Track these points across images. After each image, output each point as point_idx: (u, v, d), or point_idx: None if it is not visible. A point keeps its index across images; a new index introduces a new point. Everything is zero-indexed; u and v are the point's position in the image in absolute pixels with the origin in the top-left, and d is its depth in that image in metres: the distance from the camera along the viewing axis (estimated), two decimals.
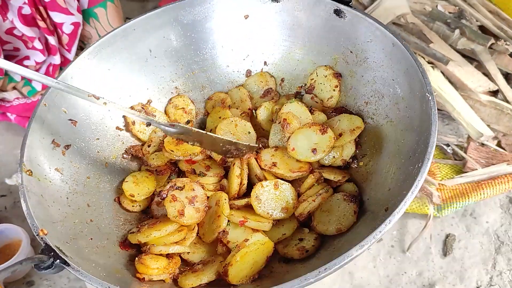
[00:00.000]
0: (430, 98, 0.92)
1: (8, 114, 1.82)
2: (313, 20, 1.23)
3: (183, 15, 1.26)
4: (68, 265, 0.80)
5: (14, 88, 1.86)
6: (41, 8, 1.65)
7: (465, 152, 1.69)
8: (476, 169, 1.63)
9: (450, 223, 1.61)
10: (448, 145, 1.74)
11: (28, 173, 0.94)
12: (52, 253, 0.81)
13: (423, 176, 0.83)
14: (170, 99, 1.32)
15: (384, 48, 1.11)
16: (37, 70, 1.84)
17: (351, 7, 1.15)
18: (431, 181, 1.59)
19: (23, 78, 1.83)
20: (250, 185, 1.12)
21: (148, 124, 1.06)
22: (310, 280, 0.74)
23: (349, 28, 1.18)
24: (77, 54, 1.85)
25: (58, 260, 0.80)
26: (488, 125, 1.68)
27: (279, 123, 1.16)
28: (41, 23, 1.67)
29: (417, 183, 0.82)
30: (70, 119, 1.12)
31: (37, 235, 0.84)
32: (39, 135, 1.03)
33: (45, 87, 1.83)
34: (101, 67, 1.19)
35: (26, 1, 1.59)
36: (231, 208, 1.06)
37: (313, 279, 0.74)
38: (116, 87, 1.24)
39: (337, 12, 1.17)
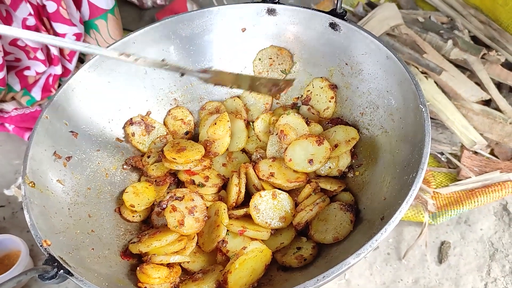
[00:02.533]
0: (423, 109, 0.95)
1: (6, 125, 1.84)
2: (309, 33, 1.26)
3: (182, 28, 1.27)
4: (72, 275, 0.81)
5: (13, 98, 1.87)
6: (44, 19, 1.68)
7: (459, 161, 1.71)
8: (470, 177, 1.65)
9: (445, 231, 1.63)
10: (442, 153, 1.76)
11: (30, 184, 0.95)
12: (55, 264, 0.82)
13: (417, 186, 0.85)
14: (169, 111, 1.33)
15: (379, 61, 1.13)
16: (36, 81, 1.86)
17: (346, 20, 1.17)
18: (426, 189, 1.61)
19: (22, 88, 1.84)
20: (248, 196, 1.13)
21: (182, 75, 1.08)
22: None
23: (344, 41, 1.20)
24: (77, 66, 1.87)
25: (61, 271, 0.81)
26: (481, 134, 1.70)
27: (276, 134, 1.18)
28: (45, 34, 1.69)
29: (411, 192, 0.84)
30: (71, 131, 1.13)
31: (41, 246, 0.85)
32: (41, 147, 1.04)
33: (44, 97, 1.85)
34: (102, 80, 1.21)
35: (32, 12, 1.62)
36: (230, 218, 1.07)
37: (312, 287, 0.75)
38: (116, 99, 1.25)
39: (333, 26, 1.20)
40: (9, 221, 1.69)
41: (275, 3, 1.26)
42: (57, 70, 1.82)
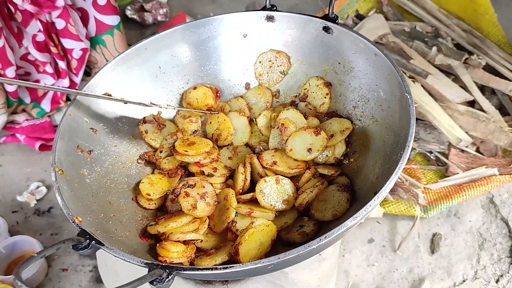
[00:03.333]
0: (408, 96, 1.03)
1: (18, 135, 1.91)
2: (304, 36, 1.33)
3: (189, 35, 1.36)
4: (103, 245, 0.89)
5: (24, 110, 1.96)
6: (53, 35, 1.78)
7: (447, 158, 1.79)
8: (458, 173, 1.73)
9: (436, 223, 1.70)
10: (431, 152, 1.84)
11: (60, 172, 1.03)
12: (87, 236, 0.90)
13: (405, 160, 0.92)
14: (178, 110, 1.41)
15: (368, 58, 1.21)
16: (45, 93, 1.95)
17: (338, 24, 1.26)
18: (417, 184, 1.69)
19: (32, 100, 1.93)
20: (253, 185, 1.20)
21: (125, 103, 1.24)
22: (313, 247, 0.83)
23: (337, 42, 1.28)
24: (83, 79, 1.96)
25: (93, 241, 0.89)
26: (466, 132, 1.79)
27: (278, 128, 1.26)
28: (54, 49, 1.78)
29: (400, 165, 0.92)
30: (91, 128, 1.21)
31: (73, 222, 0.93)
32: (66, 141, 1.12)
33: (53, 108, 1.94)
34: (117, 82, 1.29)
35: (41, 29, 1.72)
36: (238, 202, 1.14)
37: (315, 246, 0.83)
38: (130, 100, 1.31)
39: (326, 29, 1.28)
40: (22, 225, 1.74)
41: (274, 10, 1.34)
42: (65, 83, 1.90)
